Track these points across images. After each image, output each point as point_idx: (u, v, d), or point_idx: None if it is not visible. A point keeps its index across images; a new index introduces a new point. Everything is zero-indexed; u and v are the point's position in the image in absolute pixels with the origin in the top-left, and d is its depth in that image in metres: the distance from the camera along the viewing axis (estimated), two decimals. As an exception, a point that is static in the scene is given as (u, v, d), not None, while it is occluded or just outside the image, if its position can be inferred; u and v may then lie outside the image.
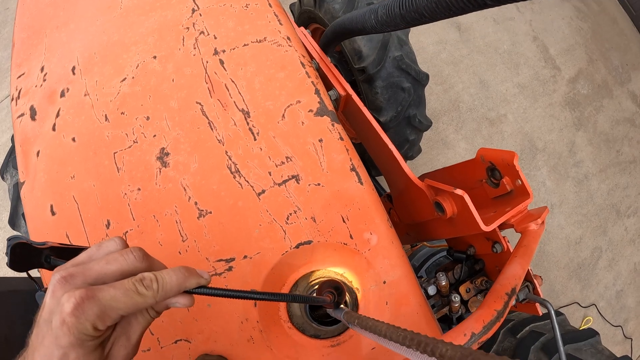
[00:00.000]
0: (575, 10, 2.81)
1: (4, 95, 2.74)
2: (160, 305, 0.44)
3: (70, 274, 0.39)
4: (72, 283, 0.39)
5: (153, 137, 0.74)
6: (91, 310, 0.37)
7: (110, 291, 0.38)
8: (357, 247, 0.68)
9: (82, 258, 0.43)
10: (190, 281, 0.44)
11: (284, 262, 0.67)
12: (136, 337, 0.43)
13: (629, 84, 2.78)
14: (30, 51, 1.01)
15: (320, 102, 0.72)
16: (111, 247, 0.44)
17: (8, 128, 2.63)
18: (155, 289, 0.41)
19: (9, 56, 2.88)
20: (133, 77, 0.80)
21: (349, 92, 1.14)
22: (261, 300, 0.46)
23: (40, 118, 0.88)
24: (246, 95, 0.73)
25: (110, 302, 0.38)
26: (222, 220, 0.68)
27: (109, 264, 0.41)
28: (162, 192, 0.70)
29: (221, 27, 0.81)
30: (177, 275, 0.43)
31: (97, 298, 0.37)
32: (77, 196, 0.77)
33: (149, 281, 0.41)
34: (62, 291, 0.38)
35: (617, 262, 2.57)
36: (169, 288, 0.42)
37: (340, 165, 0.69)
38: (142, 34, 0.86)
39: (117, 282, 0.40)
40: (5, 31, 2.95)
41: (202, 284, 0.45)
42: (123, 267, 0.41)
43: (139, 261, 0.42)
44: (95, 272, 0.40)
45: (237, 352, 0.66)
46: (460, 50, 2.44)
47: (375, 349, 0.68)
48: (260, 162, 0.69)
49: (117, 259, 0.41)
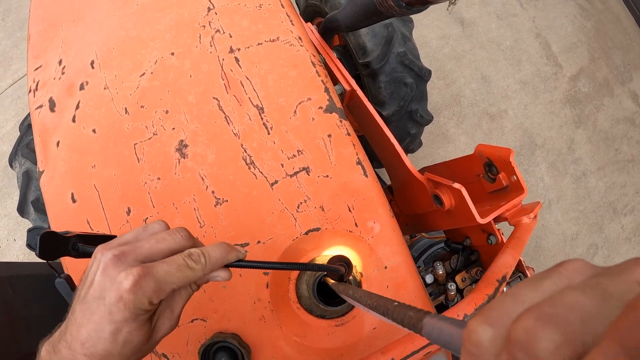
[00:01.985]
0: (579, 8, 2.86)
1: (8, 84, 2.78)
2: (202, 279, 0.48)
3: (123, 252, 0.42)
4: (125, 261, 0.42)
5: (172, 130, 0.80)
6: (148, 286, 0.40)
7: (164, 267, 0.42)
8: (362, 235, 0.74)
9: (129, 237, 0.46)
10: (231, 255, 0.49)
11: (295, 247, 0.73)
12: (179, 309, 0.47)
13: (630, 83, 2.83)
14: (47, 44, 1.06)
15: (330, 100, 0.78)
16: (157, 228, 0.48)
17: (12, 116, 2.67)
18: (203, 263, 0.45)
19: (13, 44, 2.92)
20: (152, 72, 0.86)
21: (353, 87, 1.20)
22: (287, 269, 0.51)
23: (59, 110, 0.94)
24: (260, 92, 0.79)
25: (165, 277, 0.42)
26: (238, 208, 0.74)
27: (159, 242, 0.45)
28: (181, 181, 0.77)
29: (236, 26, 0.87)
30: (220, 250, 0.47)
31: (152, 274, 0.41)
32: (98, 184, 0.83)
33: (197, 256, 0.45)
34: (115, 269, 0.41)
35: (613, 259, 2.64)
36: (214, 261, 0.46)
37: (347, 158, 0.76)
38: (159, 31, 0.91)
39: (169, 259, 0.44)
40: (10, 19, 2.99)
41: (240, 257, 0.50)
42: (171, 246, 0.45)
43: (185, 240, 0.47)
44: (146, 250, 0.44)
45: (249, 330, 0.72)
46: (463, 46, 2.49)
47: (376, 329, 0.75)
48: (273, 154, 0.76)
49: (165, 238, 0.46)
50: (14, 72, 2.85)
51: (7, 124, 2.69)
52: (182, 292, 0.48)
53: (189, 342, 0.72)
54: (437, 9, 2.56)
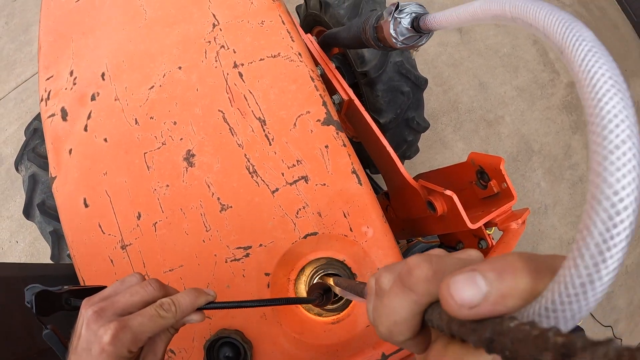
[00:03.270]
0: (576, 15, 2.92)
1: (11, 87, 2.85)
2: (178, 324, 0.53)
3: (101, 308, 0.48)
4: (105, 316, 0.47)
5: (180, 140, 0.87)
6: (125, 337, 0.46)
7: (138, 319, 0.48)
8: (356, 239, 0.81)
9: (109, 292, 0.52)
10: (201, 299, 0.54)
11: (294, 250, 0.80)
12: (161, 352, 0.53)
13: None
14: (58, 54, 1.13)
15: (327, 113, 0.85)
16: (133, 281, 0.53)
17: (16, 119, 2.74)
18: (173, 311, 0.50)
19: (17, 48, 2.99)
20: (160, 85, 0.93)
21: (351, 97, 1.27)
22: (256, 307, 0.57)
23: (71, 119, 1.00)
24: (262, 105, 0.86)
25: (139, 327, 0.47)
26: (241, 214, 0.81)
27: (133, 296, 0.50)
28: (189, 188, 0.83)
29: (240, 42, 0.94)
30: (190, 296, 0.53)
31: (128, 327, 0.46)
32: (110, 190, 0.89)
33: (168, 305, 0.50)
34: (96, 324, 0.46)
35: (609, 262, 2.71)
36: (184, 308, 0.52)
37: (343, 168, 0.82)
38: (167, 45, 0.98)
39: (142, 310, 0.49)
40: (13, 23, 3.06)
41: (210, 300, 0.55)
42: (145, 298, 0.51)
43: (157, 291, 0.52)
44: (122, 304, 0.49)
45: (251, 327, 0.79)
46: (461, 53, 2.56)
47: (370, 326, 0.82)
48: (274, 164, 0.83)
49: (138, 291, 0.51)
50: (18, 75, 2.91)
51: (10, 127, 2.76)
52: (162, 336, 0.53)
53: (195, 338, 0.79)
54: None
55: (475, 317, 0.22)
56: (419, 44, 0.88)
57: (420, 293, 0.27)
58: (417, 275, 0.27)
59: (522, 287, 0.22)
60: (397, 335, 0.29)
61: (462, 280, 0.22)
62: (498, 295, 0.22)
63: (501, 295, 0.22)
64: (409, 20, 0.84)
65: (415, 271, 0.27)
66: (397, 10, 0.85)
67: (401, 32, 0.85)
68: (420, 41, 0.87)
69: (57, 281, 1.23)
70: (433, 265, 0.27)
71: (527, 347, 0.18)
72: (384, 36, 0.90)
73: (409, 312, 0.27)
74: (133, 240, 0.84)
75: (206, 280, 0.80)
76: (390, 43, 0.89)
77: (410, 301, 0.27)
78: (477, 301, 0.22)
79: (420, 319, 0.28)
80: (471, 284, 0.22)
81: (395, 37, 0.86)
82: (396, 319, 0.28)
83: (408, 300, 0.27)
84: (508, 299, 0.22)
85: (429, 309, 0.27)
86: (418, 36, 0.86)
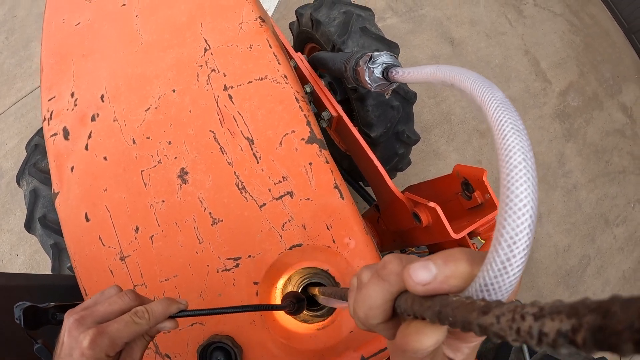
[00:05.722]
0: (567, 24, 3.02)
1: (12, 102, 2.94)
2: (152, 330, 0.58)
3: (82, 317, 0.53)
4: (84, 324, 0.52)
5: (174, 159, 0.95)
6: (103, 342, 0.51)
7: (114, 325, 0.53)
8: (339, 250, 0.89)
9: (89, 303, 0.57)
10: (172, 307, 0.59)
11: (280, 260, 0.88)
12: (138, 357, 0.57)
13: (620, 95, 2.99)
14: (59, 76, 1.21)
15: (311, 132, 0.93)
16: (111, 292, 0.59)
17: (16, 133, 2.83)
18: (147, 318, 0.56)
19: (17, 63, 3.09)
20: (156, 107, 1.01)
21: (340, 114, 1.36)
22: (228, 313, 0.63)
23: (73, 138, 1.08)
24: (250, 125, 0.94)
25: (116, 333, 0.52)
26: (231, 227, 0.89)
27: (111, 305, 0.56)
28: (183, 203, 0.91)
29: (229, 66, 1.02)
30: (162, 305, 0.58)
31: (105, 332, 0.52)
32: (109, 206, 0.97)
33: (142, 313, 0.56)
34: (77, 331, 0.51)
35: (606, 269, 2.76)
36: (157, 315, 0.57)
37: (326, 183, 0.90)
38: (162, 69, 1.07)
39: (119, 318, 0.54)
40: (13, 38, 3.16)
41: (182, 308, 0.61)
42: (122, 307, 0.56)
43: (132, 300, 0.58)
44: (101, 312, 0.55)
45: (241, 333, 0.86)
46: (453, 64, 2.65)
47: (353, 332, 0.89)
48: (262, 180, 0.90)
49: (116, 301, 0.57)
50: (18, 90, 3.00)
51: (10, 141, 2.84)
52: (138, 343, 0.58)
53: (189, 343, 0.86)
54: (427, 29, 2.73)
55: (427, 292, 0.30)
56: (390, 88, 1.03)
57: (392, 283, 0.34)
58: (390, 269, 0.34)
59: (462, 270, 0.30)
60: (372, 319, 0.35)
61: (419, 266, 0.31)
62: (443, 276, 0.30)
63: (446, 276, 0.30)
64: (380, 70, 0.98)
65: (388, 265, 0.34)
66: (371, 61, 0.99)
67: (374, 79, 1.00)
68: (391, 87, 1.02)
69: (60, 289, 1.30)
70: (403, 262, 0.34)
71: (461, 312, 0.25)
72: (360, 79, 1.04)
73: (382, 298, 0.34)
74: (131, 252, 0.91)
75: (199, 289, 0.88)
76: (365, 86, 1.03)
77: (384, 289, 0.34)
78: (428, 279, 0.30)
79: (391, 305, 0.35)
80: (424, 269, 0.30)
81: (370, 83, 1.01)
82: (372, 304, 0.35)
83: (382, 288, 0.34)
84: (451, 279, 0.30)
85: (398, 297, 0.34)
86: (389, 83, 1.00)
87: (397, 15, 2.82)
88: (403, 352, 0.33)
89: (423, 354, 0.32)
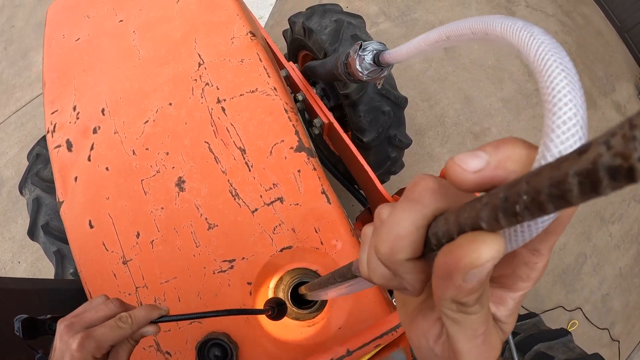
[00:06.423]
0: (560, 24, 3.10)
1: (12, 111, 3.03)
2: (136, 335, 0.64)
3: (71, 323, 0.59)
4: (74, 329, 0.58)
5: (172, 168, 1.03)
6: (90, 345, 0.56)
7: (100, 329, 0.59)
8: (327, 251, 0.96)
9: (78, 311, 0.63)
10: (154, 313, 0.65)
11: (272, 262, 0.96)
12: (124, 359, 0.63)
13: (613, 94, 3.06)
14: (61, 90, 1.29)
15: (299, 141, 1.01)
16: (99, 301, 0.65)
17: (16, 143, 2.91)
18: (130, 323, 0.61)
19: (16, 73, 3.18)
20: (154, 119, 1.10)
21: (331, 121, 1.44)
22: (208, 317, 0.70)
23: (76, 150, 1.16)
24: (243, 136, 1.03)
25: (102, 336, 0.58)
26: (226, 231, 0.97)
27: (98, 312, 0.62)
28: (180, 210, 0.99)
29: (222, 79, 1.10)
30: (144, 311, 0.64)
31: (92, 336, 0.57)
32: (112, 213, 1.05)
33: (125, 318, 0.62)
34: (67, 336, 0.57)
35: (602, 267, 2.83)
36: (140, 320, 0.63)
37: (314, 189, 0.98)
38: (159, 83, 1.15)
39: (105, 323, 0.61)
40: (12, 48, 3.25)
41: (162, 314, 0.66)
42: (107, 313, 0.63)
43: (117, 307, 0.64)
44: (88, 319, 0.61)
45: (237, 330, 0.94)
46: (446, 68, 2.73)
47: (341, 329, 0.96)
48: (253, 187, 0.99)
49: (102, 308, 0.63)
50: (17, 100, 3.09)
51: (11, 150, 2.92)
52: (123, 346, 0.63)
53: (188, 340, 0.94)
54: (421, 33, 2.81)
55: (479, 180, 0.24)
56: (382, 75, 1.07)
57: (425, 203, 0.27)
58: (423, 187, 0.28)
59: (519, 152, 0.24)
60: (400, 252, 0.28)
61: (466, 154, 0.25)
62: (498, 160, 0.24)
63: (500, 160, 0.24)
64: (371, 56, 1.03)
65: (420, 183, 0.28)
66: (361, 49, 1.04)
67: (365, 67, 1.04)
68: (382, 73, 1.06)
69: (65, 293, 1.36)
70: (437, 178, 0.28)
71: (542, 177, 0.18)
72: (352, 71, 1.08)
73: (413, 223, 0.27)
74: (133, 256, 0.99)
75: (197, 289, 0.96)
76: (357, 76, 1.07)
77: (416, 211, 0.27)
78: (481, 165, 0.24)
79: (424, 234, 0.28)
80: (473, 156, 0.25)
81: (361, 72, 1.05)
82: (399, 232, 0.28)
83: (414, 210, 0.27)
84: (508, 162, 0.24)
85: (432, 223, 0.27)
86: (380, 69, 1.05)
87: (390, 20, 2.91)
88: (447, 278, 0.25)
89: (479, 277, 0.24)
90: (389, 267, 0.29)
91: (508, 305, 0.31)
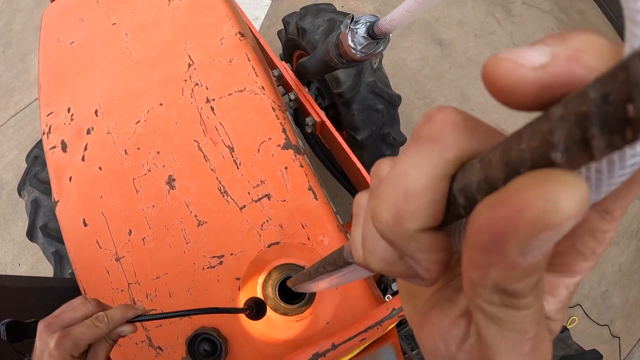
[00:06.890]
0: (556, 21, 3.11)
1: (10, 115, 3.07)
2: (113, 334, 0.66)
3: (50, 323, 0.62)
4: (52, 329, 0.61)
5: (163, 167, 1.06)
6: (67, 343, 0.59)
7: (78, 329, 0.61)
8: (314, 247, 0.99)
9: (58, 312, 0.65)
10: (130, 313, 0.67)
11: (260, 257, 0.99)
12: (102, 359, 0.65)
13: (612, 91, 3.07)
14: (56, 93, 1.32)
15: (286, 139, 1.04)
16: (77, 302, 0.67)
17: (15, 146, 2.95)
18: (106, 322, 0.63)
19: (14, 76, 3.22)
20: (145, 120, 1.13)
21: (323, 119, 1.46)
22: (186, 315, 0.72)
23: (70, 150, 1.20)
24: (231, 134, 1.06)
25: (79, 335, 0.60)
26: (215, 228, 1.00)
27: (75, 312, 0.65)
28: (171, 208, 1.03)
29: (211, 80, 1.13)
30: (120, 310, 0.66)
31: (69, 335, 0.60)
32: (105, 212, 1.08)
33: (102, 317, 0.64)
34: (45, 335, 0.60)
35: (601, 263, 2.84)
36: (116, 319, 0.65)
37: (301, 186, 1.01)
38: (150, 85, 1.18)
39: (82, 322, 0.63)
40: (10, 52, 3.29)
41: (139, 314, 0.68)
42: (85, 313, 0.65)
43: (94, 307, 0.66)
44: (66, 319, 0.63)
45: (226, 325, 0.97)
46: (442, 66, 2.75)
47: (329, 324, 0.99)
48: (241, 185, 1.02)
49: (80, 308, 0.65)
50: (16, 103, 3.12)
51: (10, 153, 2.95)
52: (101, 345, 0.65)
53: (179, 335, 0.97)
54: (416, 31, 2.84)
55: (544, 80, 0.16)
56: (377, 50, 1.00)
57: (448, 143, 0.18)
58: (442, 120, 0.18)
59: (599, 42, 0.16)
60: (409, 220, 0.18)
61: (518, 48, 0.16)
62: (570, 50, 0.15)
63: (574, 50, 0.15)
64: (364, 29, 0.96)
65: (438, 115, 0.19)
66: (353, 22, 0.98)
67: (359, 41, 0.98)
68: (378, 48, 0.99)
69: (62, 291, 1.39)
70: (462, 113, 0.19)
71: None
72: (345, 50, 1.02)
73: (429, 172, 0.18)
74: (125, 253, 1.02)
75: (187, 285, 0.99)
76: (351, 55, 1.01)
77: (433, 155, 0.18)
78: (545, 60, 0.16)
79: (446, 189, 0.18)
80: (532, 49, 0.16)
81: (354, 47, 0.99)
82: (409, 188, 0.18)
83: (429, 154, 0.18)
84: (583, 54, 0.15)
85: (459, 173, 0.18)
86: (375, 43, 0.98)
87: (387, 18, 2.92)
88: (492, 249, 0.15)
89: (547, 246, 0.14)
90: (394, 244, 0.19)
91: (560, 295, 0.22)
